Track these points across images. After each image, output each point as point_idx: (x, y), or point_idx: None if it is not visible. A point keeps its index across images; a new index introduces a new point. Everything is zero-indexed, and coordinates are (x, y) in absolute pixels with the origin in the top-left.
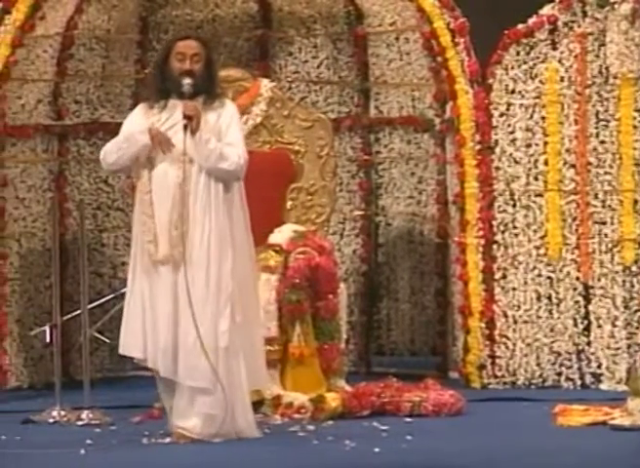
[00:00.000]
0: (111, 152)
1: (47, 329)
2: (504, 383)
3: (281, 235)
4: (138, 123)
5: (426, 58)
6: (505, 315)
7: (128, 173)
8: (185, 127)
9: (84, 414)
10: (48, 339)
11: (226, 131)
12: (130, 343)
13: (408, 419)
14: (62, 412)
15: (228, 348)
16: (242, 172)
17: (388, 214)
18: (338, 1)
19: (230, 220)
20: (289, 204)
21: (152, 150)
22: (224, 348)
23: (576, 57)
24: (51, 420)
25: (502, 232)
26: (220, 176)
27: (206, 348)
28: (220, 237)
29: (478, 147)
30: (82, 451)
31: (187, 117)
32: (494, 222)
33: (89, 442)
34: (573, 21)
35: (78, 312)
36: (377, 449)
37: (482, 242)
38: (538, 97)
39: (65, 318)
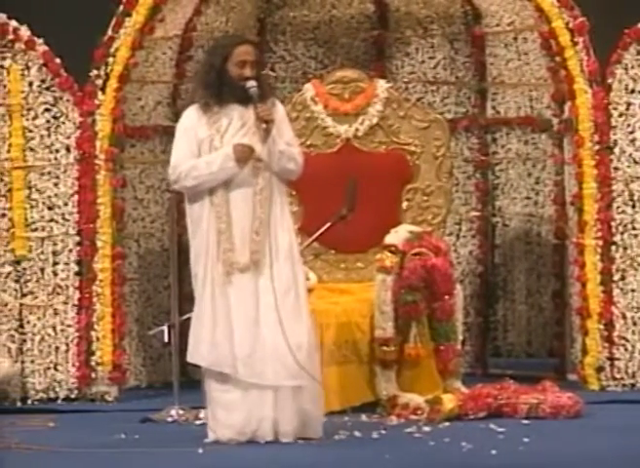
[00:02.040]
0: (189, 177)
1: (165, 328)
2: (623, 385)
3: (397, 235)
4: (195, 130)
5: (545, 58)
6: (624, 317)
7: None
8: (266, 131)
9: (202, 414)
10: (166, 339)
11: (282, 130)
12: (197, 352)
13: (525, 421)
14: (181, 412)
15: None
16: (301, 171)
17: (505, 214)
18: (455, 1)
19: (290, 217)
20: (405, 204)
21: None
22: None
23: None
24: (169, 419)
25: (621, 233)
26: (285, 176)
27: (310, 346)
28: (294, 234)
29: (597, 147)
30: (200, 450)
31: (266, 121)
32: (612, 223)
33: (206, 441)
34: None
35: None
36: (493, 451)
37: (600, 243)
38: None
39: (183, 318)
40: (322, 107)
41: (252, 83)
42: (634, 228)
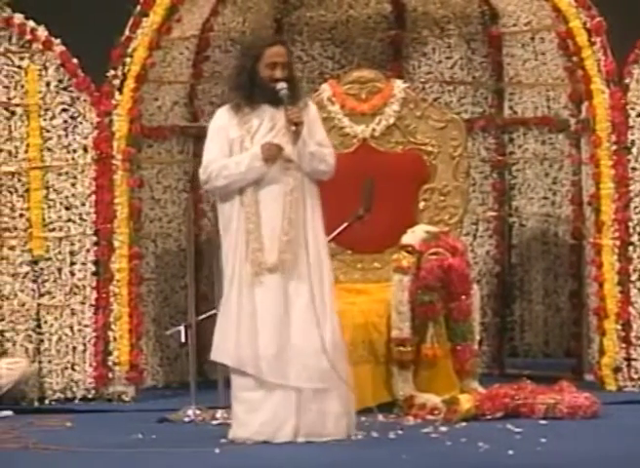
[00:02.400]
0: (219, 177)
1: (182, 328)
2: None
3: (414, 236)
4: (227, 130)
5: (562, 58)
6: None
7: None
8: (295, 133)
9: (219, 414)
10: (183, 339)
11: (314, 131)
12: (222, 350)
13: (542, 422)
14: (197, 412)
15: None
16: (334, 171)
17: (522, 215)
18: (472, 1)
19: (320, 218)
20: (421, 204)
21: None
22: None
23: None
24: (186, 419)
25: (639, 233)
26: (316, 177)
27: (336, 345)
28: (323, 235)
29: (614, 148)
30: (216, 450)
31: (295, 124)
32: (630, 223)
33: (223, 441)
34: None
35: (213, 312)
36: (510, 452)
37: (618, 243)
38: None
39: (200, 318)
40: (339, 107)
41: (282, 85)
42: None
